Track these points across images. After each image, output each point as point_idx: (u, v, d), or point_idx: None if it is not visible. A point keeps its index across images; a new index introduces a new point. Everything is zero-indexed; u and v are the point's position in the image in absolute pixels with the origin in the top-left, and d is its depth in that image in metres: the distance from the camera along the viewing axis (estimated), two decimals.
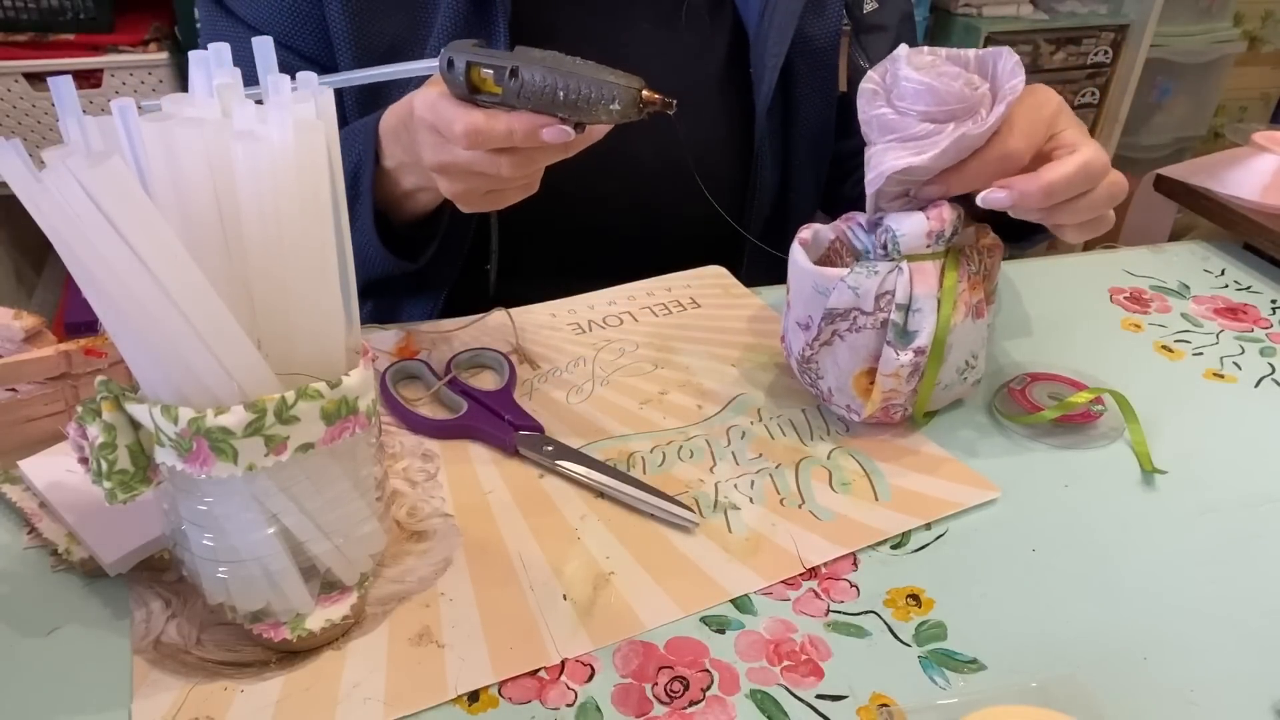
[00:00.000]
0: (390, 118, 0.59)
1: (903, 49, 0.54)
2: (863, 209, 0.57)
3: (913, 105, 0.52)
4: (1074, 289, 0.77)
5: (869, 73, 0.54)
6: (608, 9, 0.73)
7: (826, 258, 0.60)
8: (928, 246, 0.53)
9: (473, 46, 0.49)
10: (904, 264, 0.53)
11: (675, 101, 0.50)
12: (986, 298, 0.56)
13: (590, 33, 0.72)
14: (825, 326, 0.55)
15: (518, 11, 0.68)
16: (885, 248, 0.54)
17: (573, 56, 0.49)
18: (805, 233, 0.58)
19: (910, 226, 0.53)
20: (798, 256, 0.56)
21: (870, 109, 0.54)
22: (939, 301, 0.53)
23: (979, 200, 0.53)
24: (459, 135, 0.49)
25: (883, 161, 0.53)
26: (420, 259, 0.66)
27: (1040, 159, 0.53)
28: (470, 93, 0.49)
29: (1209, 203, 0.85)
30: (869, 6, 0.77)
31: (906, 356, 0.53)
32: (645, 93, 0.49)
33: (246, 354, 0.36)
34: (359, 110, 0.70)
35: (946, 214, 0.53)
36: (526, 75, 0.48)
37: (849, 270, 0.54)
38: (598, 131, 0.51)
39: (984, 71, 0.54)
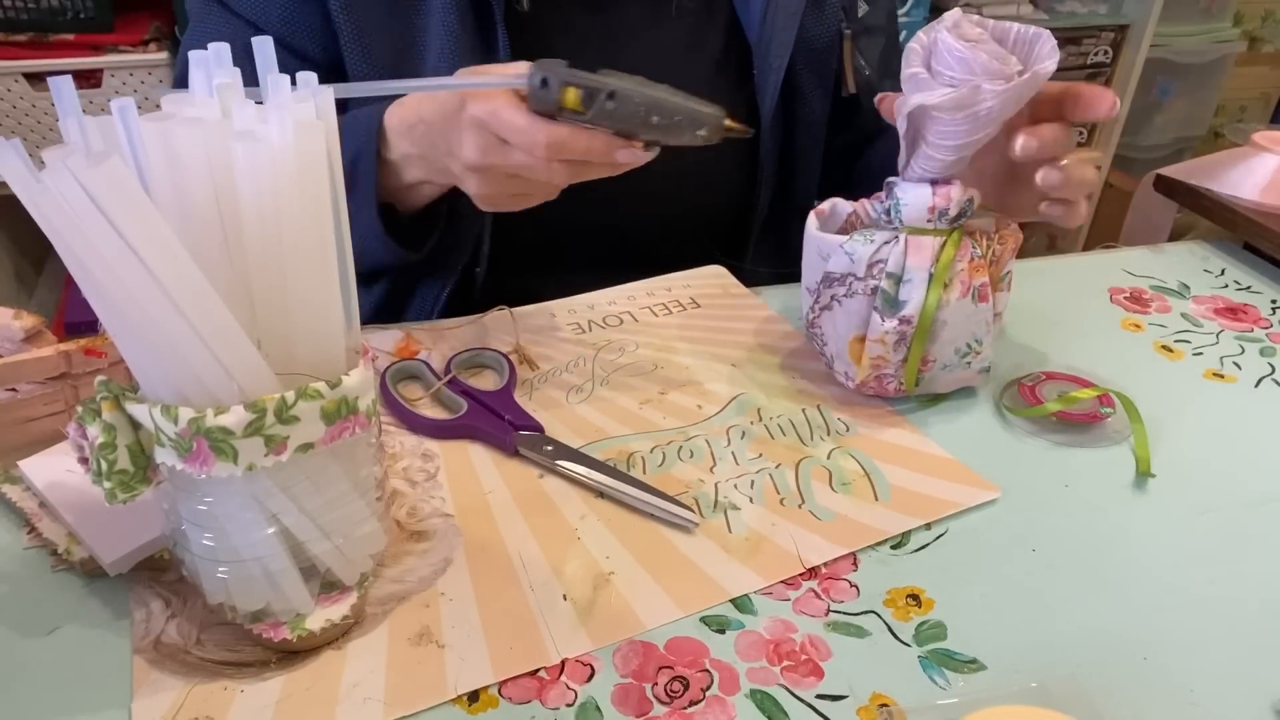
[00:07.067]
0: (402, 111, 0.59)
1: (953, 14, 0.54)
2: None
3: (946, 70, 0.52)
4: (1074, 289, 0.77)
5: (917, 33, 0.55)
6: (599, 4, 0.73)
7: (844, 230, 0.61)
8: (929, 221, 0.54)
9: (565, 66, 0.51)
10: (903, 235, 0.55)
11: (753, 130, 0.54)
12: (993, 283, 0.56)
13: (583, 27, 0.72)
14: (824, 290, 0.57)
15: (511, 8, 0.68)
16: (889, 215, 0.56)
17: (656, 83, 0.51)
18: (824, 205, 0.60)
19: (914, 198, 0.54)
20: (809, 224, 0.59)
21: (907, 68, 0.54)
22: (931, 276, 0.54)
23: (1018, 148, 0.54)
24: (541, 145, 0.51)
25: (904, 106, 0.53)
26: (424, 249, 0.68)
27: (1049, 103, 0.56)
28: (555, 109, 0.50)
29: (1209, 203, 0.85)
30: (862, 9, 0.78)
31: (891, 324, 0.55)
32: (728, 121, 0.52)
33: (246, 354, 0.36)
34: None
35: (954, 193, 0.54)
36: (621, 100, 0.50)
37: (848, 237, 0.56)
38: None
39: (1020, 49, 0.55)
